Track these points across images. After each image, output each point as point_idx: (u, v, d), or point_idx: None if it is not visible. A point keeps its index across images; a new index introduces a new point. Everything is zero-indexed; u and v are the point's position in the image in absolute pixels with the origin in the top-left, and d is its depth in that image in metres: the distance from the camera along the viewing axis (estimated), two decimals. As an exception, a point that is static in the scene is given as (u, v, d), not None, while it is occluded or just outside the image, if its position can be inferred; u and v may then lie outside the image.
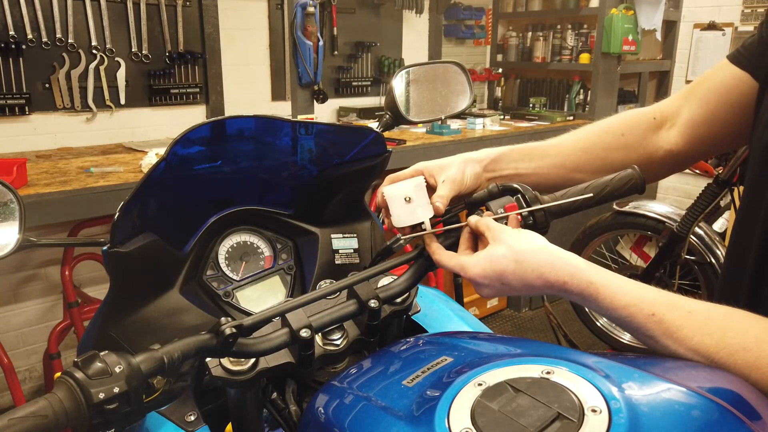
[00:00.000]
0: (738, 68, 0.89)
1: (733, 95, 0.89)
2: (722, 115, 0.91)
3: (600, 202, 0.84)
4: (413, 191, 0.81)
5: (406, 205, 0.80)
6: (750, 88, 0.87)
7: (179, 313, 0.92)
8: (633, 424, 0.48)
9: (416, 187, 0.82)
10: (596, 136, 0.99)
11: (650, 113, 0.99)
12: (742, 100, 0.88)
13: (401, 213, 0.80)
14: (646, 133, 0.98)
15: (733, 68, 0.90)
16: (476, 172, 0.91)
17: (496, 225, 0.74)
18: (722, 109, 0.91)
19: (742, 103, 0.88)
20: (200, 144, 0.88)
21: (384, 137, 1.03)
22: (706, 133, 0.94)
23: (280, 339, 0.67)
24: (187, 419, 0.75)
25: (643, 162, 0.94)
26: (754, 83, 0.86)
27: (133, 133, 2.97)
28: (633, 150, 0.98)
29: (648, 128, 0.98)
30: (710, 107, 0.92)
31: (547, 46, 4.34)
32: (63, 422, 0.51)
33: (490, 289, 0.73)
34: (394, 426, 0.55)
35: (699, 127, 0.94)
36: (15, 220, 0.92)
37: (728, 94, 0.90)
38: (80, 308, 2.34)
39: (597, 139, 0.99)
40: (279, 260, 1.06)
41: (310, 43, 3.27)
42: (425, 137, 3.24)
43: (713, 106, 0.92)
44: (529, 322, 3.65)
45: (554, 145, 0.99)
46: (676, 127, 0.97)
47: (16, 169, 1.99)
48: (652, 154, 0.98)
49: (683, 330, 0.61)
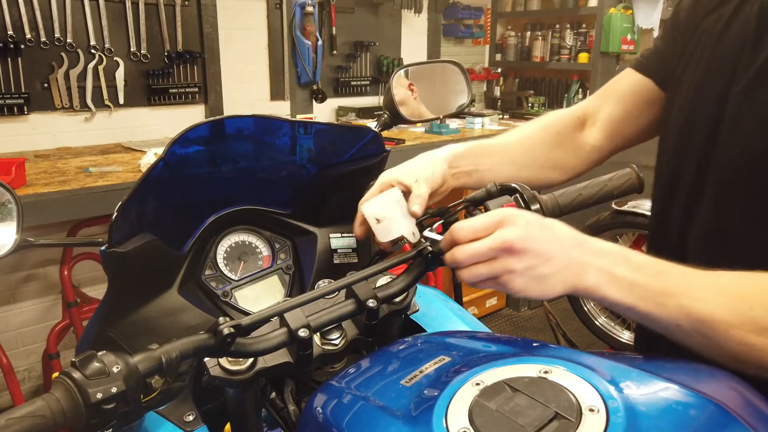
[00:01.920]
0: (642, 75, 1.01)
1: (643, 96, 1.01)
2: (635, 113, 1.03)
3: (598, 201, 0.85)
4: (387, 208, 0.79)
5: (380, 224, 0.79)
6: (653, 91, 1.00)
7: (178, 312, 0.92)
8: (630, 423, 0.48)
9: (393, 202, 0.80)
10: (537, 135, 1.07)
11: (575, 113, 1.09)
12: (649, 99, 1.00)
13: (380, 231, 0.79)
14: (575, 132, 1.08)
15: (638, 75, 1.02)
16: (443, 170, 0.93)
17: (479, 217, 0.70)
18: (635, 108, 1.02)
19: (650, 102, 1.00)
20: (199, 144, 0.88)
21: (382, 136, 1.03)
22: (624, 129, 1.05)
23: (279, 339, 0.67)
24: (186, 419, 0.76)
25: (574, 157, 1.07)
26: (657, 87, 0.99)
27: (132, 133, 2.96)
28: (567, 147, 1.07)
29: (575, 127, 1.08)
30: (625, 106, 1.04)
31: (546, 46, 4.34)
32: (61, 422, 0.51)
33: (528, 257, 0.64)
34: (392, 425, 0.55)
35: (617, 123, 1.05)
36: (13, 220, 0.92)
37: (639, 95, 1.02)
38: (79, 308, 2.34)
39: (538, 137, 1.07)
40: (277, 260, 1.06)
41: (308, 43, 3.27)
42: (424, 137, 3.23)
43: (628, 105, 1.03)
44: (528, 322, 3.66)
45: (503, 143, 1.06)
46: (597, 124, 1.07)
47: (14, 168, 1.99)
48: (581, 149, 1.07)
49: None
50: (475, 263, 0.66)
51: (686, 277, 0.63)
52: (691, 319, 0.61)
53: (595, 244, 0.66)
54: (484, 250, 0.64)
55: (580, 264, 0.65)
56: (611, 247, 0.66)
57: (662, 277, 0.63)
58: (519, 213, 0.67)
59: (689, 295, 0.61)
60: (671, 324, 0.62)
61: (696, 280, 0.62)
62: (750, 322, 0.58)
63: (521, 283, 0.64)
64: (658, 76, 0.99)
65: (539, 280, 0.64)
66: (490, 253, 0.64)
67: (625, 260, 0.65)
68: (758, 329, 0.58)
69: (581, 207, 0.84)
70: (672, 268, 0.64)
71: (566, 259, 0.65)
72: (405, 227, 0.78)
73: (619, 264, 0.64)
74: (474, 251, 0.65)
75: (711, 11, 0.91)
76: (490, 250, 0.64)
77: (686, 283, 0.62)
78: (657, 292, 0.62)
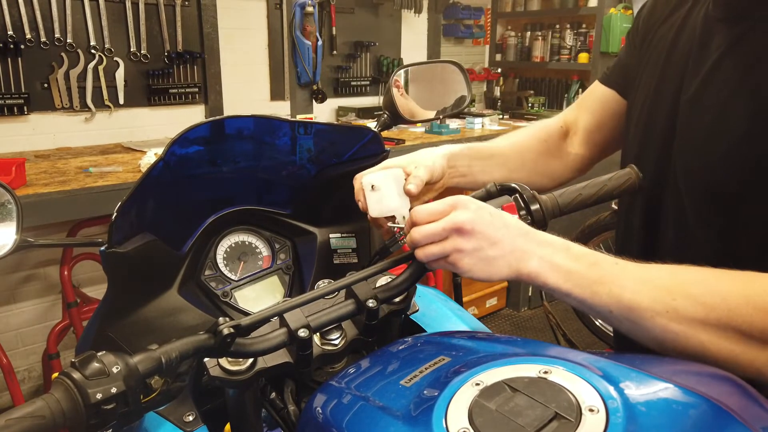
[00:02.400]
0: (606, 87, 1.07)
1: (610, 107, 1.07)
2: (607, 122, 1.08)
3: (598, 201, 0.85)
4: (384, 179, 0.80)
5: (374, 193, 0.79)
6: (618, 102, 1.05)
7: (177, 313, 0.92)
8: (630, 423, 0.48)
9: (391, 177, 0.81)
10: (527, 142, 1.12)
11: (558, 123, 1.15)
12: (617, 110, 1.05)
13: (372, 201, 0.80)
14: (559, 141, 1.14)
15: (603, 87, 1.08)
16: (443, 166, 0.97)
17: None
18: (606, 118, 1.08)
19: (618, 113, 1.05)
20: (198, 144, 0.88)
21: (382, 137, 1.03)
22: (599, 138, 1.11)
23: (279, 339, 0.67)
24: (186, 419, 0.75)
25: (560, 165, 1.13)
26: (620, 97, 1.04)
27: (132, 133, 2.96)
28: (553, 155, 1.13)
29: (559, 136, 1.14)
30: (597, 117, 1.10)
31: (546, 46, 4.34)
32: (60, 422, 0.51)
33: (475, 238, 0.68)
34: (391, 426, 0.55)
35: (593, 133, 1.11)
36: (12, 220, 0.92)
37: (607, 106, 1.08)
38: (79, 308, 2.34)
39: (528, 144, 1.12)
40: (277, 260, 1.06)
41: (308, 43, 3.27)
42: (424, 137, 3.23)
43: (599, 116, 1.09)
44: (528, 322, 3.66)
45: (496, 146, 1.10)
46: (577, 135, 1.13)
47: (14, 169, 1.99)
48: (566, 158, 1.13)
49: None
50: (429, 243, 0.71)
51: (618, 268, 0.68)
52: (621, 306, 0.66)
53: (539, 235, 0.71)
54: (437, 231, 0.70)
55: (524, 251, 0.69)
56: (554, 239, 0.71)
57: (597, 267, 0.68)
58: (471, 199, 0.72)
59: (619, 285, 0.66)
60: (604, 310, 0.67)
61: (626, 272, 0.67)
62: (672, 311, 0.64)
63: (469, 262, 0.69)
64: (620, 86, 1.05)
65: (485, 261, 0.69)
66: (443, 233, 0.69)
67: (565, 250, 0.70)
68: (679, 318, 0.63)
69: (581, 207, 0.84)
70: (606, 259, 0.69)
71: (511, 245, 0.69)
72: (397, 204, 0.80)
73: (559, 253, 0.69)
74: (428, 231, 0.70)
75: (665, 20, 0.94)
76: (443, 231, 0.69)
77: (617, 273, 0.67)
78: (592, 281, 0.67)
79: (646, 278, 0.66)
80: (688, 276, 0.66)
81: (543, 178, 1.12)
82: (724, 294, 0.63)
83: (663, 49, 0.92)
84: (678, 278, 0.66)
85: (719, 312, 0.62)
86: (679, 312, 0.63)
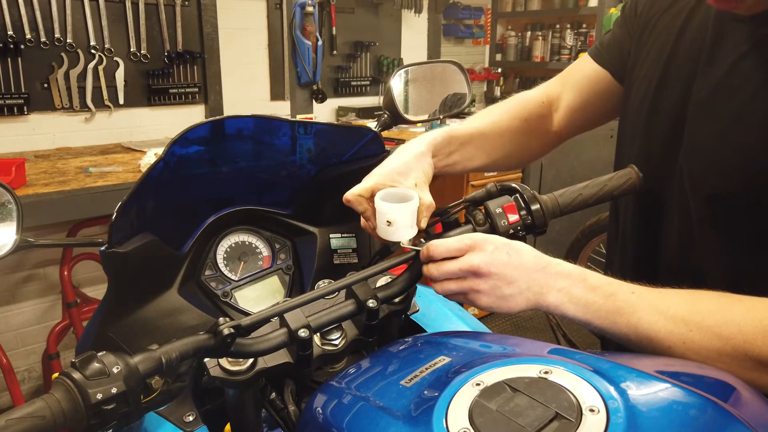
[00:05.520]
0: (599, 66, 1.03)
1: (600, 87, 1.03)
2: (593, 102, 1.06)
3: (599, 201, 0.85)
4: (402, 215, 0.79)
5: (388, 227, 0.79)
6: (610, 84, 1.01)
7: (177, 313, 0.92)
8: (631, 423, 0.48)
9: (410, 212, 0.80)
10: (507, 122, 1.07)
11: (539, 98, 1.11)
12: (607, 90, 1.02)
13: (383, 230, 0.80)
14: (540, 119, 1.10)
15: (595, 65, 1.03)
16: (430, 162, 0.93)
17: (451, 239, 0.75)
18: (592, 97, 1.05)
19: (607, 92, 1.02)
20: (198, 144, 0.88)
21: (382, 136, 1.03)
22: (581, 117, 1.09)
23: (279, 339, 0.67)
24: (186, 419, 0.76)
25: (538, 143, 1.11)
26: (614, 80, 1.01)
27: (132, 133, 2.96)
28: (533, 134, 1.09)
29: (541, 114, 1.10)
30: (583, 95, 1.06)
31: (546, 46, 4.34)
32: (61, 423, 0.51)
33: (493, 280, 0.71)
34: (392, 426, 0.55)
35: (576, 112, 1.08)
36: (12, 220, 0.92)
37: (596, 85, 1.04)
38: (79, 308, 2.34)
39: (508, 125, 1.07)
40: (277, 260, 1.06)
41: (308, 43, 3.26)
42: (424, 137, 3.23)
43: (585, 94, 1.06)
44: (528, 322, 3.66)
45: (475, 128, 1.04)
46: (559, 112, 1.10)
47: (14, 169, 1.99)
48: (545, 136, 1.11)
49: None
50: (447, 279, 0.74)
51: (635, 297, 0.70)
52: (639, 336, 0.69)
53: (556, 267, 0.73)
54: (454, 270, 0.73)
55: (542, 285, 0.72)
56: (571, 269, 0.73)
57: (614, 298, 0.70)
58: (487, 239, 0.73)
59: (637, 316, 0.69)
60: (623, 338, 0.70)
61: (642, 301, 0.69)
62: (689, 342, 0.66)
63: (487, 300, 0.72)
64: (615, 69, 1.01)
65: (503, 299, 0.72)
66: (460, 273, 0.72)
67: (582, 281, 0.71)
68: (696, 349, 0.66)
69: (581, 207, 0.85)
70: (622, 288, 0.71)
71: (528, 282, 0.71)
72: (406, 236, 0.80)
73: (577, 285, 0.71)
74: (445, 270, 0.73)
75: (668, 7, 0.90)
76: (459, 271, 0.72)
77: (634, 303, 0.69)
78: (610, 311, 0.70)
79: (663, 308, 0.68)
80: (703, 305, 0.67)
81: (520, 156, 1.11)
82: (740, 324, 0.64)
83: (667, 42, 0.88)
84: (694, 307, 0.67)
85: (735, 342, 0.64)
86: (696, 343, 0.65)
